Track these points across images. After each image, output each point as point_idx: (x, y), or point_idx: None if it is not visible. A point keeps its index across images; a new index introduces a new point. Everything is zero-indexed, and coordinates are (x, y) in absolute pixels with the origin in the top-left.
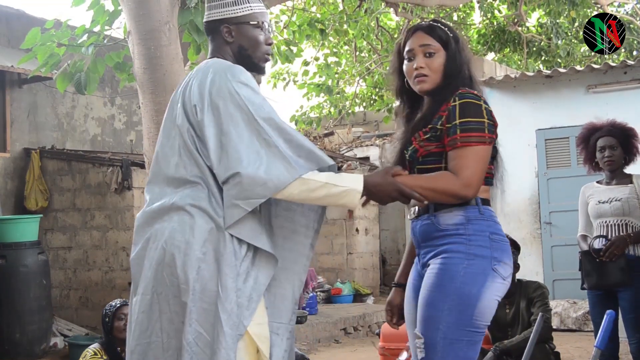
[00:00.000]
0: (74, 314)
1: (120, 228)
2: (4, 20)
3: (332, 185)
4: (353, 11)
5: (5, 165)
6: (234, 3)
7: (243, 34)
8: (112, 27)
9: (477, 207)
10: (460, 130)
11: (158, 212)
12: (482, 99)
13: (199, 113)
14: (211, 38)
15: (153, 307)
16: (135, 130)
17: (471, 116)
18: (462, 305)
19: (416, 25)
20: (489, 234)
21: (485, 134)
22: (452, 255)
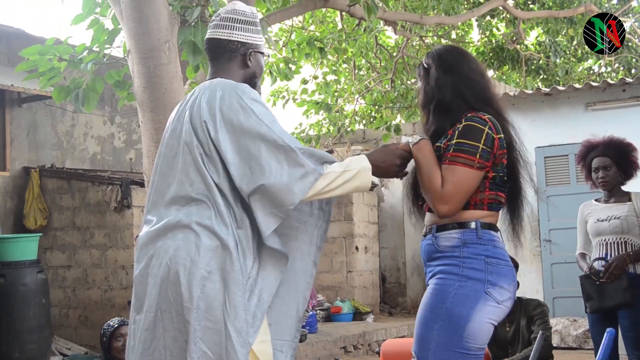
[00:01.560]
0: (73, 333)
1: (119, 247)
2: (3, 39)
3: (347, 171)
4: (352, 30)
5: (4, 184)
6: (257, 31)
7: (258, 62)
8: (112, 45)
9: (475, 230)
10: (453, 149)
11: (162, 230)
12: (490, 124)
13: (211, 130)
14: (221, 57)
15: (157, 324)
16: (135, 149)
17: (467, 139)
18: (452, 326)
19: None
20: (485, 257)
21: (475, 159)
22: (445, 276)
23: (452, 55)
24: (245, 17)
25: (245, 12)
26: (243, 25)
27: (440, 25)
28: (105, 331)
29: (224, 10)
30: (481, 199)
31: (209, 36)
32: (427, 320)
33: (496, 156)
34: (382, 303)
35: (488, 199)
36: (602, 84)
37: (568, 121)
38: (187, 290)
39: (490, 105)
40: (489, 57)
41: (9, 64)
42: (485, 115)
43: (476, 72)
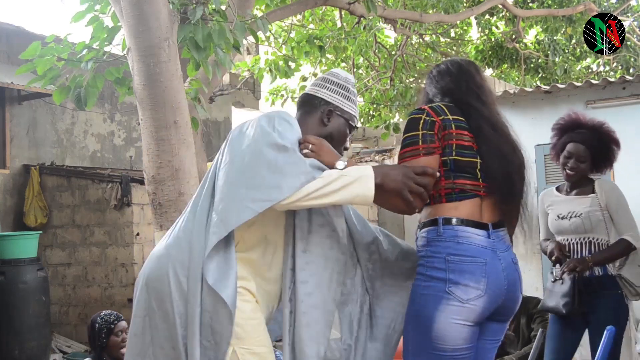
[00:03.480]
0: (73, 331)
1: (119, 244)
2: (3, 36)
3: (345, 176)
4: (351, 28)
5: (4, 182)
6: (346, 96)
7: (338, 126)
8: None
9: (437, 227)
10: (400, 148)
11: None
12: (427, 110)
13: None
14: (304, 109)
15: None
16: (135, 147)
17: (407, 131)
18: (421, 328)
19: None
20: (446, 255)
21: (419, 146)
22: (416, 277)
23: (438, 66)
24: (336, 79)
25: (339, 75)
26: (331, 86)
27: (439, 24)
28: (100, 325)
29: (325, 73)
30: (437, 190)
31: (304, 91)
32: (405, 323)
33: (440, 138)
34: None
35: (445, 189)
36: (602, 82)
37: None
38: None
39: (451, 95)
40: (488, 56)
41: (8, 62)
42: (427, 105)
43: (447, 73)
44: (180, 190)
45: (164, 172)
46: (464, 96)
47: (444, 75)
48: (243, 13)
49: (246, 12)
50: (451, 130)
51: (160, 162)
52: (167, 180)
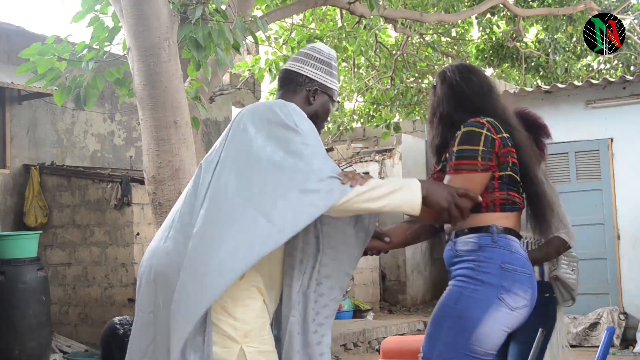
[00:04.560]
0: (73, 331)
1: (119, 244)
2: (3, 36)
3: (392, 182)
4: (352, 27)
5: (4, 182)
6: (329, 73)
7: (323, 104)
8: (112, 43)
9: (491, 234)
10: (455, 157)
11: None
12: (487, 125)
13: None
14: (287, 87)
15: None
16: (135, 147)
17: (467, 144)
18: (461, 328)
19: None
20: (501, 263)
21: (478, 162)
22: (462, 279)
23: (457, 70)
24: (319, 56)
25: (322, 51)
26: (315, 63)
27: (440, 23)
28: (126, 330)
29: (305, 47)
30: (492, 200)
31: (284, 67)
32: (439, 319)
33: (499, 155)
34: (382, 301)
35: (500, 199)
36: (602, 81)
37: (568, 119)
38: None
39: (494, 114)
40: (489, 55)
41: (9, 62)
42: (484, 118)
43: (480, 85)
44: (180, 190)
45: (164, 171)
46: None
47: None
48: (243, 13)
49: (246, 12)
50: (509, 148)
51: (160, 162)
52: (167, 180)
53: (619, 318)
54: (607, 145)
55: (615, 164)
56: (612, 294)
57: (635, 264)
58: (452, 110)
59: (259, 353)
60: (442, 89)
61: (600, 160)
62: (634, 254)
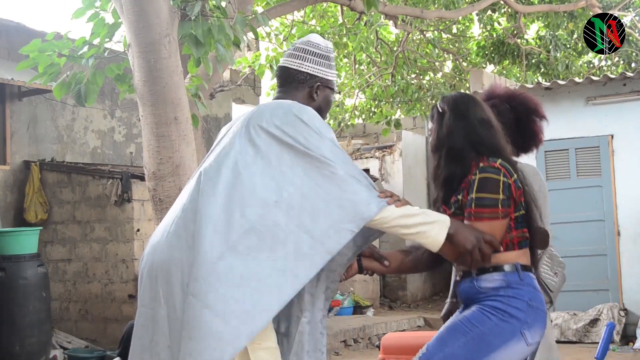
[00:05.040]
0: (73, 327)
1: (120, 240)
2: (3, 33)
3: (427, 214)
4: (352, 24)
5: (5, 178)
6: (328, 66)
7: (325, 97)
8: (112, 39)
9: (517, 272)
10: (475, 204)
11: None
12: (503, 170)
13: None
14: (289, 85)
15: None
16: (135, 143)
17: (486, 191)
18: (477, 347)
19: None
20: (528, 300)
21: (499, 210)
22: (489, 309)
23: (466, 102)
24: (318, 50)
25: (319, 45)
26: (314, 58)
27: (441, 20)
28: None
29: (299, 41)
30: (511, 239)
31: (280, 64)
32: (456, 330)
33: (516, 199)
34: (382, 297)
35: (517, 238)
36: (602, 78)
37: (568, 115)
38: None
39: (500, 155)
40: (490, 52)
41: (9, 58)
42: (497, 162)
43: (487, 122)
44: (180, 186)
45: (165, 168)
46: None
47: (489, 127)
48: (243, 9)
49: (246, 9)
50: (521, 189)
51: (160, 158)
52: (167, 177)
53: (619, 314)
54: (608, 142)
55: (615, 161)
56: (612, 290)
57: (636, 260)
58: (460, 145)
59: (263, 349)
60: (451, 120)
61: (601, 156)
62: (634, 251)
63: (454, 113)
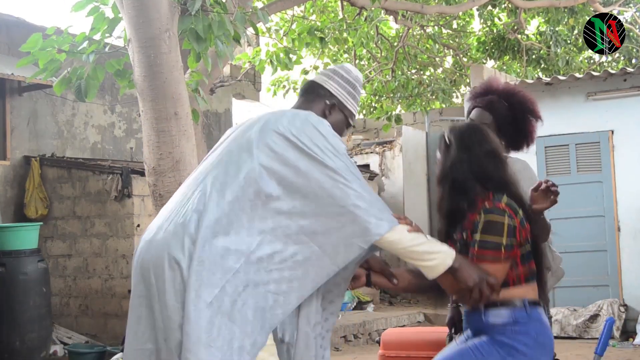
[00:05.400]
0: (73, 322)
1: (120, 236)
2: (4, 28)
3: (434, 243)
4: (353, 19)
5: (5, 173)
6: (351, 94)
7: (337, 121)
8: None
9: (524, 308)
10: (478, 246)
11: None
12: (508, 210)
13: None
14: (309, 96)
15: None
16: (135, 138)
17: (491, 234)
18: None
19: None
20: (535, 336)
21: (501, 253)
22: (498, 342)
23: (473, 135)
24: (347, 75)
25: (350, 71)
26: (340, 80)
27: (441, 15)
28: None
29: (335, 65)
30: (517, 275)
31: (310, 79)
32: (463, 357)
33: (521, 240)
34: (382, 293)
35: (524, 273)
36: (603, 73)
37: (569, 111)
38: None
39: (506, 189)
40: (490, 47)
41: (9, 53)
42: (501, 202)
43: (493, 154)
44: (180, 181)
45: (165, 163)
46: (514, 192)
47: (496, 161)
48: (243, 5)
49: (246, 4)
50: (527, 227)
51: (160, 154)
52: (167, 172)
53: (619, 310)
54: (608, 138)
55: (615, 156)
56: (612, 286)
57: (636, 256)
58: (464, 177)
59: (262, 350)
60: (456, 152)
61: (601, 152)
62: (634, 246)
63: (459, 145)
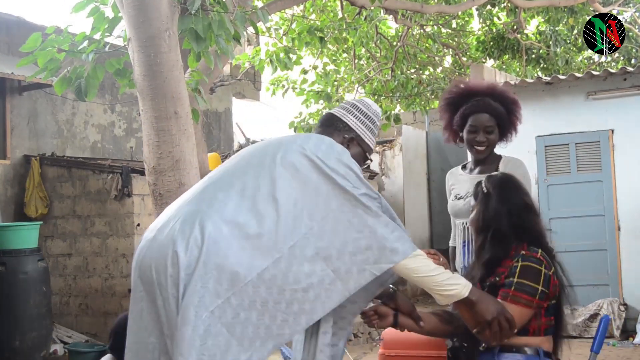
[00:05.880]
0: (73, 321)
1: (120, 235)
2: (3, 27)
3: (453, 275)
4: (352, 19)
5: (5, 172)
6: (370, 128)
7: (356, 154)
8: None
9: (539, 357)
10: (514, 288)
11: None
12: (544, 262)
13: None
14: (326, 128)
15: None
16: (135, 137)
17: (528, 279)
18: None
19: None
20: None
21: (534, 300)
22: None
23: (511, 186)
24: (366, 110)
25: (369, 106)
26: (359, 114)
27: (441, 14)
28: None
29: (356, 99)
30: (539, 325)
31: (329, 111)
32: None
33: (551, 292)
34: None
35: (545, 325)
36: (603, 73)
37: (569, 110)
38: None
39: (541, 242)
40: (490, 46)
41: (9, 52)
42: (538, 253)
43: (530, 207)
44: (180, 180)
45: (165, 162)
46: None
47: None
48: (243, 4)
49: (246, 3)
50: (557, 282)
51: (160, 153)
52: (167, 171)
53: (619, 309)
54: (608, 137)
55: (615, 156)
56: (612, 285)
57: (636, 255)
58: (506, 229)
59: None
60: (497, 203)
61: (601, 151)
62: (634, 245)
63: (500, 196)
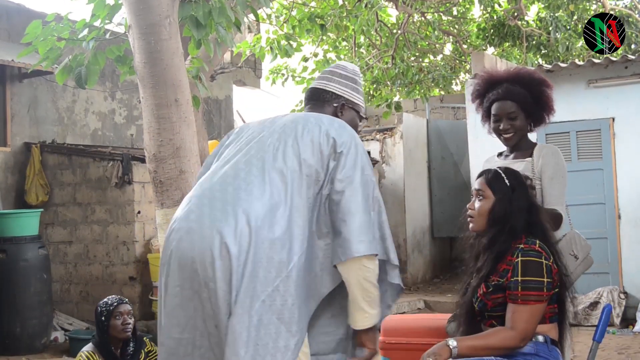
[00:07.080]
0: (74, 308)
1: (120, 222)
2: (4, 14)
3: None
4: (353, 6)
5: (5, 160)
6: (354, 88)
7: (351, 119)
8: (112, 21)
9: (547, 344)
10: (521, 287)
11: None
12: (543, 253)
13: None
14: (315, 103)
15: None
16: (136, 125)
17: (532, 275)
18: None
19: (482, 172)
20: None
21: (544, 293)
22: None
23: (525, 184)
24: (345, 72)
25: (345, 67)
26: (340, 79)
27: (441, 2)
28: (102, 309)
29: (330, 66)
30: (544, 313)
31: (311, 85)
32: None
33: (555, 280)
34: None
35: (549, 313)
36: (604, 61)
37: (569, 98)
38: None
39: (543, 236)
40: (490, 34)
41: (9, 40)
42: (536, 244)
43: (537, 205)
44: (181, 168)
45: (165, 150)
46: (545, 231)
47: (535, 205)
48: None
49: None
50: (557, 269)
51: (161, 140)
52: (168, 159)
53: (619, 297)
54: (609, 125)
55: (616, 144)
56: (612, 274)
57: (636, 243)
58: (521, 225)
59: (303, 354)
60: (519, 200)
61: (602, 139)
62: (634, 234)
63: (521, 193)
